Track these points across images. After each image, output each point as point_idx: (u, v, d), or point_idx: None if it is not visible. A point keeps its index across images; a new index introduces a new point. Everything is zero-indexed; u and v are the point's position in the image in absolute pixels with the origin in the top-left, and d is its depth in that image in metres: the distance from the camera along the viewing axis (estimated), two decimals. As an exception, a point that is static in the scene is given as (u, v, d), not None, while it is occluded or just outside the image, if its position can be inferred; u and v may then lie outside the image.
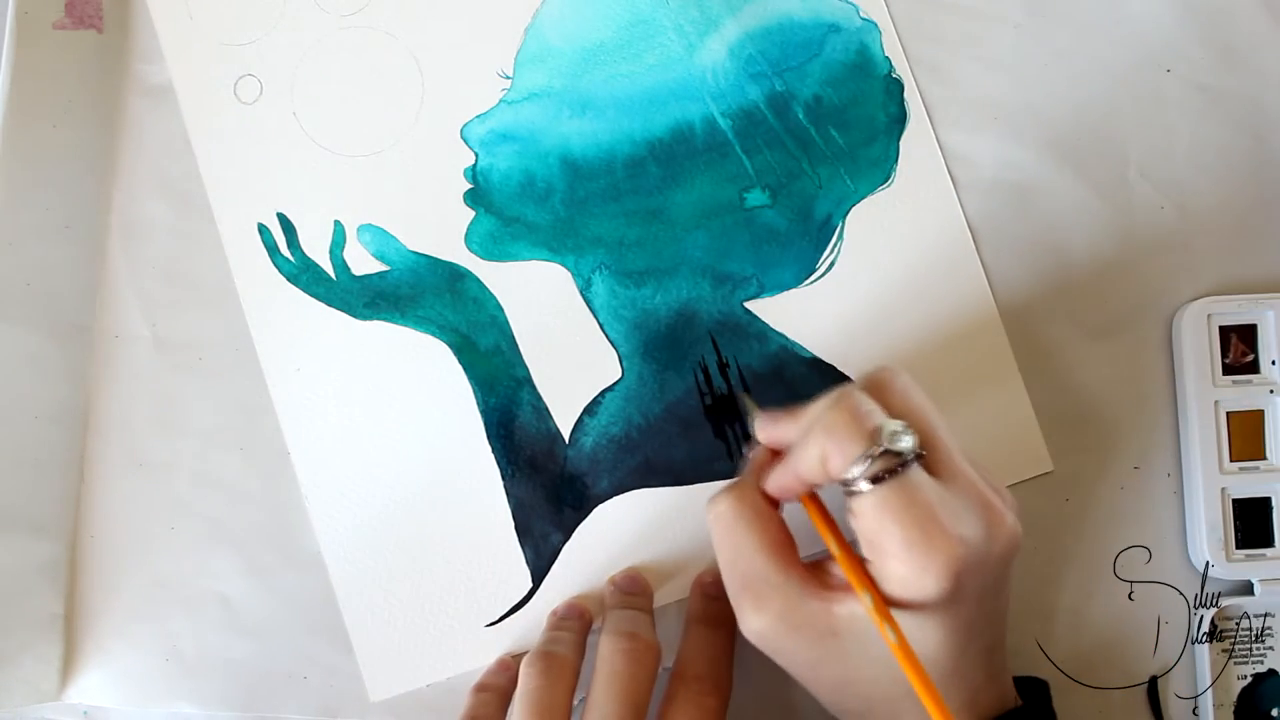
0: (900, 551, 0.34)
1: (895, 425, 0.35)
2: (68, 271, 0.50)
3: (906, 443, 0.34)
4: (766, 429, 0.40)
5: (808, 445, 0.36)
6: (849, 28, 0.50)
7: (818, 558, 0.39)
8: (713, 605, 0.46)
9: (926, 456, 0.35)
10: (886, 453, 0.34)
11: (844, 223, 0.50)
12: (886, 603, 0.35)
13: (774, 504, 0.39)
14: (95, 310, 0.50)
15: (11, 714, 0.48)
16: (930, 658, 0.35)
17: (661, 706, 0.42)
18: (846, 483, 0.35)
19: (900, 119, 0.50)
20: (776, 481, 0.38)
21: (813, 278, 0.49)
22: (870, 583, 0.35)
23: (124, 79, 0.51)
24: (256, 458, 0.49)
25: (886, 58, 0.50)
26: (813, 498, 0.39)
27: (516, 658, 0.47)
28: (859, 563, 0.36)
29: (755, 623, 0.37)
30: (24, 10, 0.49)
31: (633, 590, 0.47)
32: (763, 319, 0.49)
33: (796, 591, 0.37)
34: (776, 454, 0.39)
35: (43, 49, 0.49)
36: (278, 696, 0.48)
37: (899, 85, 0.50)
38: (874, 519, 0.34)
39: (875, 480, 0.34)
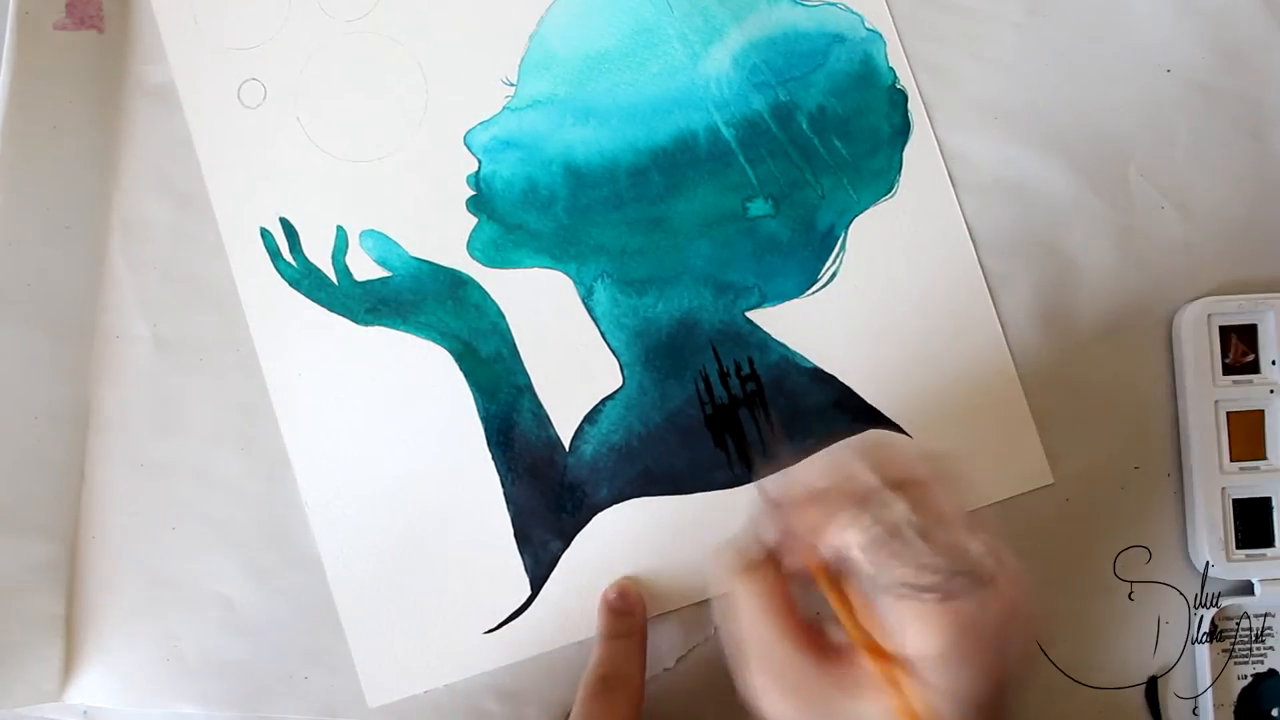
0: (893, 620, 0.34)
1: (886, 497, 0.35)
2: (68, 272, 0.50)
3: (897, 514, 0.35)
4: (771, 489, 0.40)
5: (804, 514, 0.36)
6: (853, 38, 0.50)
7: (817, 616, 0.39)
8: (620, 620, 0.47)
9: (923, 520, 0.35)
10: (878, 523, 0.34)
11: (846, 233, 0.50)
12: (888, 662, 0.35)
13: (778, 566, 0.40)
14: (95, 310, 0.50)
15: (11, 714, 0.48)
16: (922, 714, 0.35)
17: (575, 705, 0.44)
18: (839, 550, 0.35)
19: (904, 130, 0.50)
20: (787, 551, 0.39)
21: (815, 288, 0.49)
22: (879, 652, 0.35)
23: (125, 80, 0.51)
24: (257, 458, 0.50)
25: (891, 68, 0.50)
26: (823, 567, 0.38)
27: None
28: (871, 640, 0.36)
29: (769, 701, 0.37)
30: (25, 10, 0.49)
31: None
32: (764, 329, 0.49)
33: (806, 662, 0.37)
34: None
35: (43, 49, 0.49)
36: (278, 697, 0.49)
37: (903, 96, 0.50)
38: (867, 586, 0.35)
39: (867, 550, 0.34)
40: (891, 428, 0.49)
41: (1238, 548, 0.48)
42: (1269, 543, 0.48)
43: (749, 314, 0.49)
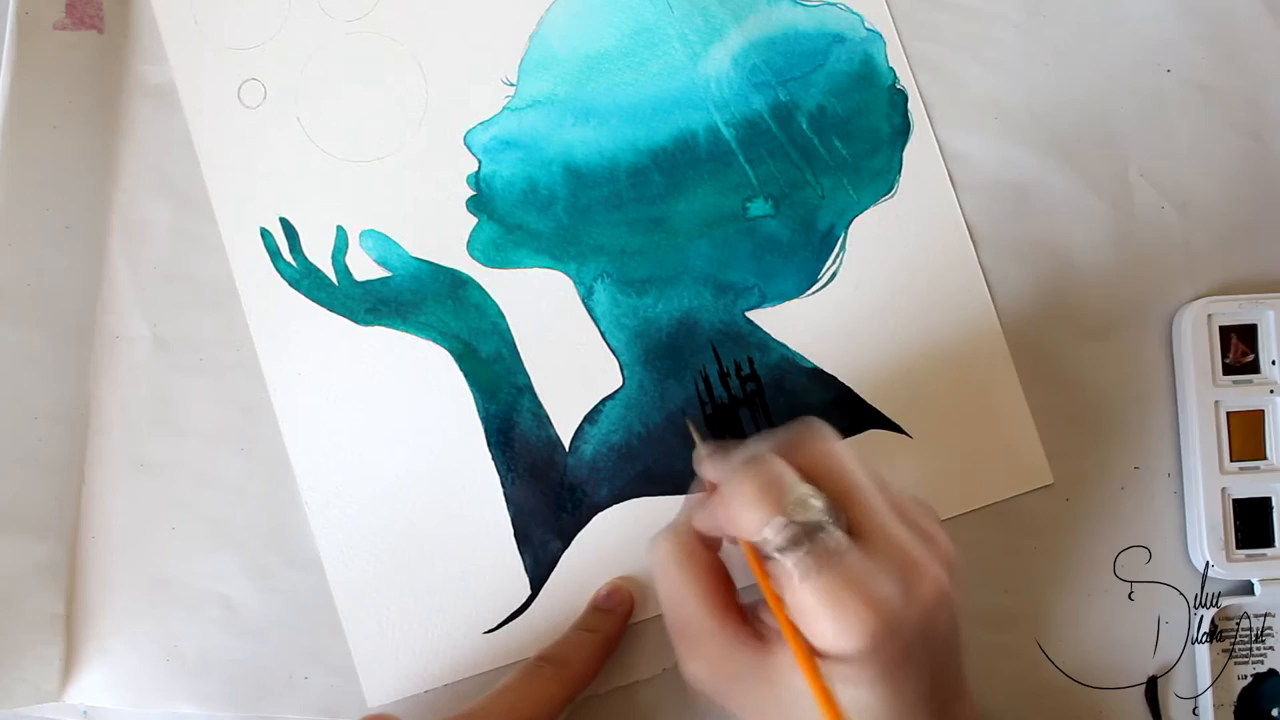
0: (815, 616, 0.34)
1: (803, 493, 0.34)
2: (68, 272, 0.50)
3: (813, 513, 0.34)
4: (705, 465, 0.40)
5: (723, 505, 0.36)
6: (854, 38, 0.50)
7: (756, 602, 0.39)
8: (596, 616, 0.47)
9: (846, 514, 0.35)
10: (794, 522, 0.34)
11: (846, 233, 0.50)
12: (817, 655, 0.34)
13: (713, 544, 0.39)
14: (95, 310, 0.50)
15: (11, 714, 0.48)
16: (863, 710, 0.34)
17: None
18: (758, 546, 0.35)
19: (904, 130, 0.50)
20: (703, 524, 0.38)
21: (815, 288, 0.49)
22: (800, 636, 0.35)
23: (125, 79, 0.51)
24: (257, 458, 0.50)
25: (891, 68, 0.50)
26: (755, 554, 0.38)
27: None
28: (797, 631, 0.35)
29: (690, 668, 0.38)
30: (25, 10, 0.48)
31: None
32: (764, 329, 0.49)
33: (730, 640, 0.37)
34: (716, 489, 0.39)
35: (43, 49, 0.49)
36: (278, 697, 0.49)
37: (903, 96, 0.50)
38: (786, 585, 0.34)
39: (784, 549, 0.34)
40: (891, 428, 0.49)
41: (1238, 548, 0.48)
42: (1269, 543, 0.48)
43: (749, 314, 0.49)
